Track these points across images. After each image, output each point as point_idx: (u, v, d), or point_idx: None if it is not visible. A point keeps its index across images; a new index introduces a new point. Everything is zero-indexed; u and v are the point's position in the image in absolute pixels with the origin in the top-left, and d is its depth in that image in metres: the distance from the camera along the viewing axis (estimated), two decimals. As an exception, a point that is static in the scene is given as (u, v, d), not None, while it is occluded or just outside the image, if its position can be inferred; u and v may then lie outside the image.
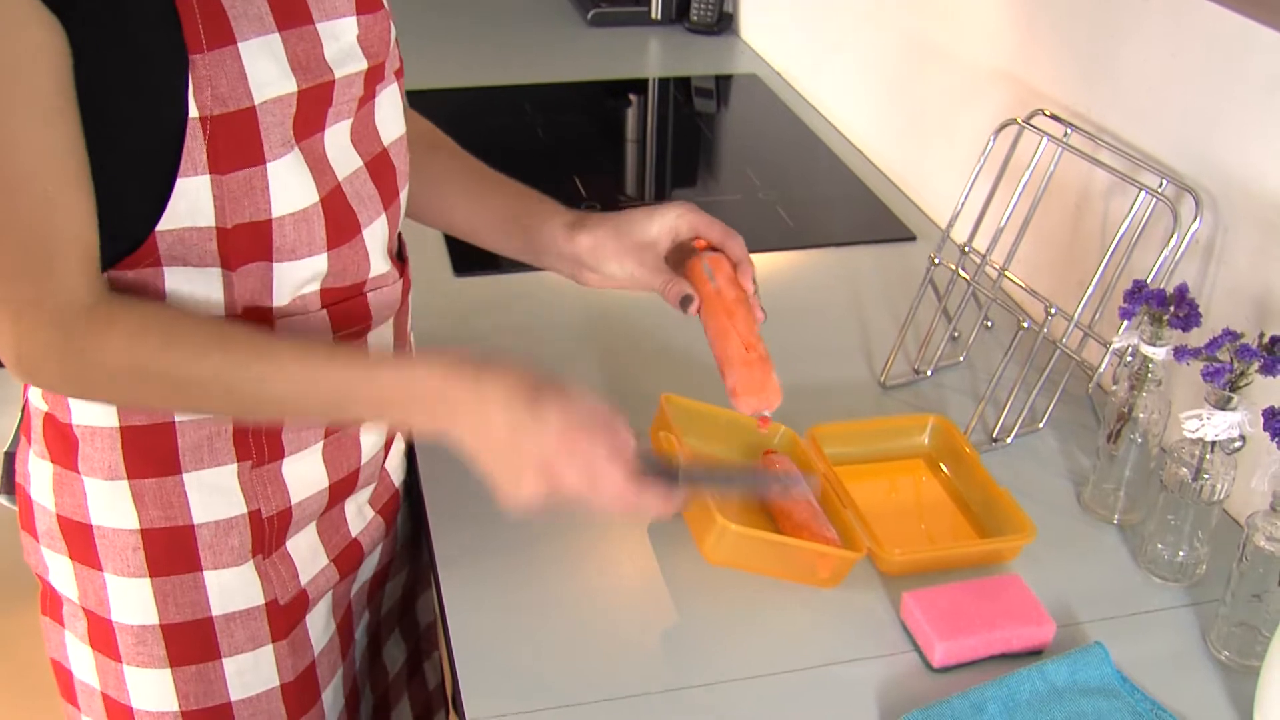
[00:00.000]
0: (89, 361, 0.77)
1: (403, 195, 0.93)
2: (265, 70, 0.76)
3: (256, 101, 0.76)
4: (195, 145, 0.75)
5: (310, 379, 0.79)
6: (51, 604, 0.95)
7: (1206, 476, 0.94)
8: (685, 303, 0.92)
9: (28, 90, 0.71)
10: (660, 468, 0.83)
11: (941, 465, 1.10)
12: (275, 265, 0.82)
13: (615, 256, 0.95)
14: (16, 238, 0.74)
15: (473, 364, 0.79)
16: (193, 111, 0.74)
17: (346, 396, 0.80)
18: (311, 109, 0.80)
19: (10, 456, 0.95)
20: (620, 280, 0.96)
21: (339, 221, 0.85)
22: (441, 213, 1.03)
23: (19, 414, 0.93)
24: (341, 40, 0.82)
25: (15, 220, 0.73)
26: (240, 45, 0.75)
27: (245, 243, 0.80)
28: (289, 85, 0.78)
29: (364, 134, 0.87)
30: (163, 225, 0.77)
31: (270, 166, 0.79)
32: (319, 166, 0.83)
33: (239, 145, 0.77)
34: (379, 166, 0.89)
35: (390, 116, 0.90)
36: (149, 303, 0.79)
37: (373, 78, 0.86)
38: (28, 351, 0.77)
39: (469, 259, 1.41)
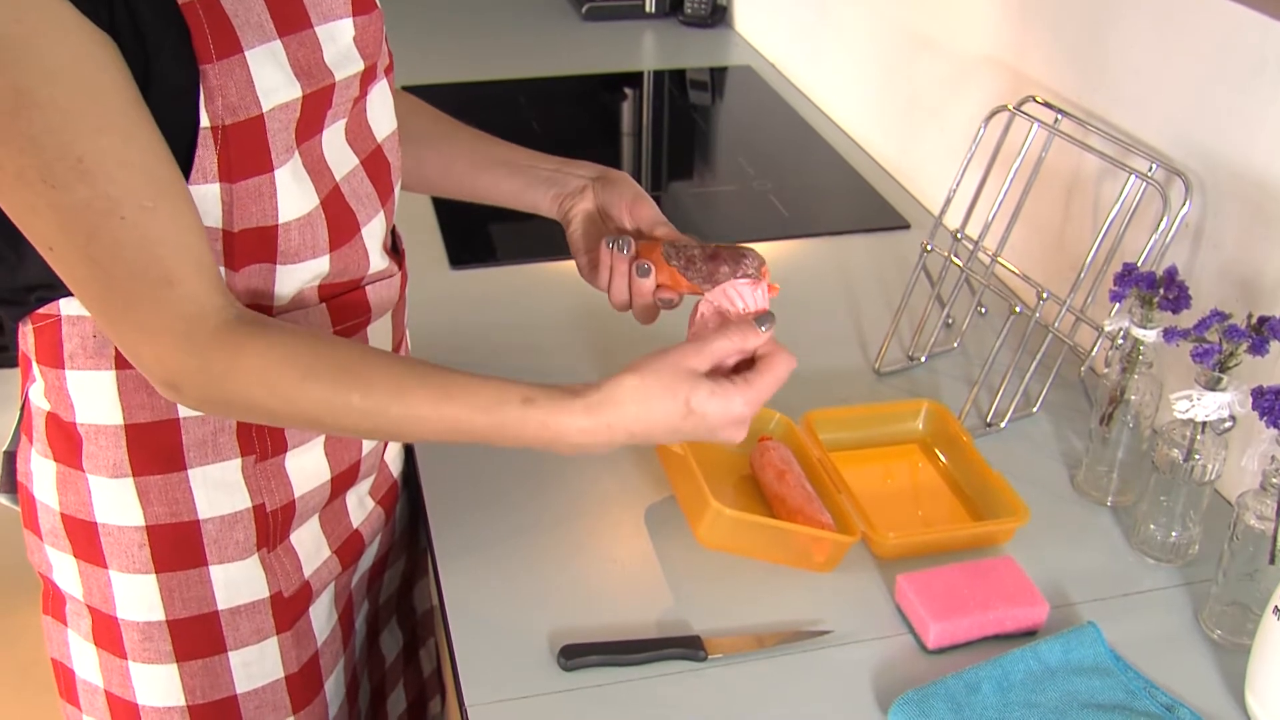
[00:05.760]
0: (227, 389, 0.77)
1: (397, 190, 0.94)
2: (271, 77, 0.76)
3: (265, 109, 0.77)
4: (206, 155, 0.76)
5: (450, 426, 0.79)
6: (54, 603, 0.95)
7: (1198, 457, 0.95)
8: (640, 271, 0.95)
9: (106, 109, 0.70)
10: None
11: (936, 450, 1.11)
12: (278, 267, 0.83)
13: (634, 202, 0.97)
14: (129, 264, 0.73)
15: (618, 402, 0.79)
16: (205, 121, 0.75)
17: (486, 437, 0.80)
18: (313, 113, 0.81)
19: (10, 455, 0.95)
20: (611, 219, 0.98)
21: (339, 222, 0.86)
22: (439, 169, 1.05)
23: (18, 412, 0.92)
24: (339, 42, 0.82)
25: (124, 242, 0.72)
26: (247, 54, 0.75)
27: (250, 246, 0.81)
28: (294, 91, 0.78)
29: (358, 133, 0.88)
30: None
31: (277, 174, 0.79)
32: (317, 169, 0.83)
33: (250, 154, 0.77)
34: (374, 164, 0.90)
35: (381, 113, 0.91)
36: (283, 330, 0.78)
37: (366, 77, 0.86)
38: (169, 377, 0.76)
39: (465, 251, 1.42)
